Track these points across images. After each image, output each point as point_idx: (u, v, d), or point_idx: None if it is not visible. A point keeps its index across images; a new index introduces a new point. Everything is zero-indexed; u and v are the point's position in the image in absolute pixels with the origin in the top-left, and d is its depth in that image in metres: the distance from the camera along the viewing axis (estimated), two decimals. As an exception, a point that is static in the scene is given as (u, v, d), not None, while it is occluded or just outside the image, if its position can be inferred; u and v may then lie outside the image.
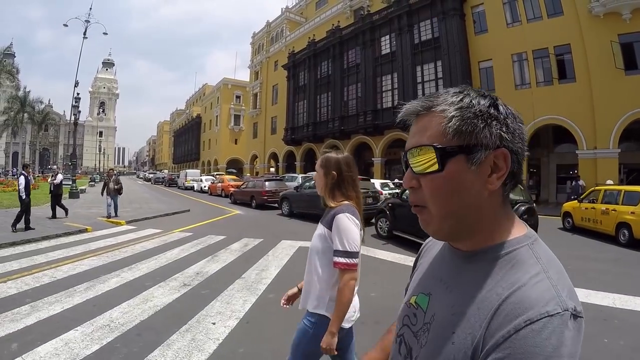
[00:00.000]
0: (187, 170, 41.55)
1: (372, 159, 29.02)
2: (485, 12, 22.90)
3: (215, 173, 43.53)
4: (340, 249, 1.89)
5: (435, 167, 0.69)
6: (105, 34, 28.56)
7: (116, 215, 12.92)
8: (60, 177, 13.00)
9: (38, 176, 43.75)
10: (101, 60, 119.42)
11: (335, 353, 1.92)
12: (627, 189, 10.44)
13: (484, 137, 0.68)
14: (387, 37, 27.71)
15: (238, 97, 64.10)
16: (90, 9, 27.39)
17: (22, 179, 10.35)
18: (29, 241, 8.67)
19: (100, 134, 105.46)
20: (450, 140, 0.69)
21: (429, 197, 0.72)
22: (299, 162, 36.88)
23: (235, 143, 62.92)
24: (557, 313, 0.59)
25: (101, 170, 65.34)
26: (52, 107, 77.54)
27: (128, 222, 12.16)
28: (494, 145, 0.69)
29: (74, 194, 20.71)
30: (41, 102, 62.09)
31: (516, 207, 7.45)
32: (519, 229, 0.74)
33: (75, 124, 23.80)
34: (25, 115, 56.87)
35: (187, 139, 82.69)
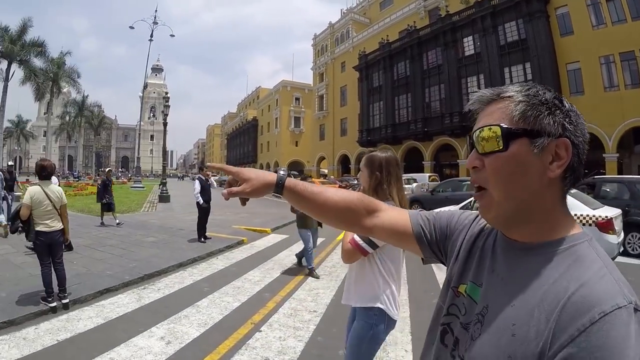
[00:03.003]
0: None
1: (458, 161, 30.81)
2: (570, 14, 24.86)
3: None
4: None
5: (500, 146, 0.77)
6: (172, 35, 33.49)
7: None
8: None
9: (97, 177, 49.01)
10: (150, 66, 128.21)
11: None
12: None
13: (548, 123, 0.76)
14: (470, 38, 29.84)
15: (297, 99, 68.60)
16: (156, 11, 32.39)
17: (197, 184, 10.00)
18: (194, 260, 7.81)
19: (152, 137, 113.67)
20: (516, 122, 0.77)
21: (491, 177, 0.80)
22: (374, 163, 39.65)
23: (296, 145, 67.11)
24: (624, 305, 0.64)
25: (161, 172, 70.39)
26: (104, 111, 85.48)
27: (273, 230, 12.07)
28: (556, 134, 0.76)
29: (164, 198, 21.73)
30: (98, 106, 69.44)
31: None
32: (577, 227, 0.81)
33: (165, 124, 25.24)
34: (82, 119, 64.60)
35: (242, 142, 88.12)
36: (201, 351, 3.98)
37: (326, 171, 51.13)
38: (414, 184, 23.91)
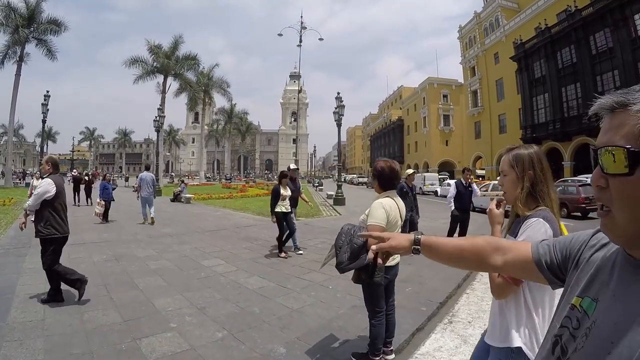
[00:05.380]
0: (425, 174, 44.89)
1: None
2: None
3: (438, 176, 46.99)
4: None
5: (625, 170, 0.73)
6: (320, 39, 36.46)
7: None
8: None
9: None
10: (289, 74, 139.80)
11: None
12: None
13: None
14: (642, 13, 27.20)
15: (445, 96, 69.75)
16: (301, 16, 35.30)
17: (453, 188, 9.54)
18: (465, 278, 7.23)
19: (294, 141, 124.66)
20: None
21: (615, 200, 0.77)
22: (536, 162, 38.69)
23: (446, 144, 68.33)
24: None
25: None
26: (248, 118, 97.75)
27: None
28: None
29: (339, 200, 23.23)
30: (246, 114, 79.49)
31: None
32: None
33: (339, 125, 25.21)
34: (231, 125, 75.14)
35: (386, 143, 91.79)
36: None
37: (484, 172, 51.23)
38: None
